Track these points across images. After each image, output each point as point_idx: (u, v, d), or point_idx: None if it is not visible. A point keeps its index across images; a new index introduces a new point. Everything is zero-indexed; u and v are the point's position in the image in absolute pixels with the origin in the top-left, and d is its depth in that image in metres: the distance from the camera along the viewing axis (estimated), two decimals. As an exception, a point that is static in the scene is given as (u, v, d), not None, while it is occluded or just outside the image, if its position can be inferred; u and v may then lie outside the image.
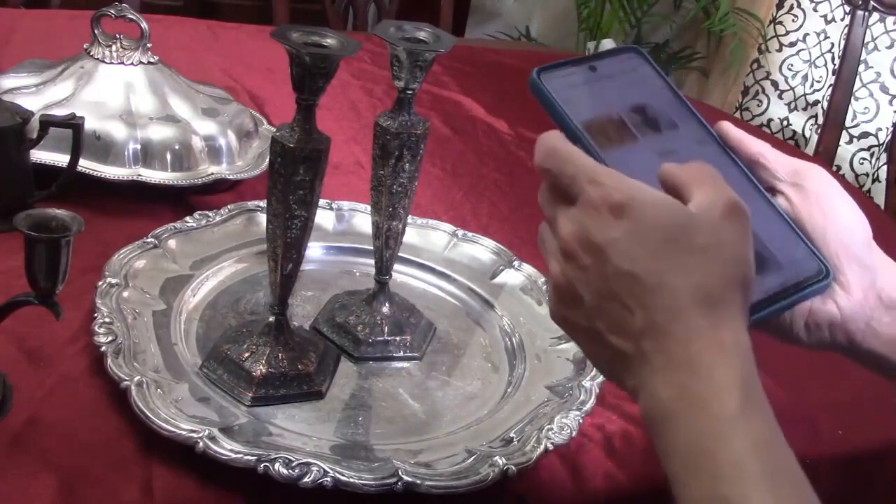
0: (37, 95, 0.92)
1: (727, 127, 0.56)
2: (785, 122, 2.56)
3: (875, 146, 2.31)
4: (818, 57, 2.47)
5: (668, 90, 0.56)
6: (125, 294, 0.74)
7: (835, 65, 2.28)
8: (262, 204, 0.88)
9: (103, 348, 0.66)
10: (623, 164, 0.51)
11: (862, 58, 1.77)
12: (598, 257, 0.47)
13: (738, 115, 2.61)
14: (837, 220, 0.53)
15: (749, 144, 0.55)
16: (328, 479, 0.59)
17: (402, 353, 0.77)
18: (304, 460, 0.60)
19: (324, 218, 0.91)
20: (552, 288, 0.50)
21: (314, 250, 0.87)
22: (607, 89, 0.54)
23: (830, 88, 1.78)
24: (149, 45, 0.97)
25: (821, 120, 2.24)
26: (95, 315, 0.70)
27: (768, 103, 2.59)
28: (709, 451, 0.44)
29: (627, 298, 0.46)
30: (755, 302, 0.50)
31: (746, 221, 0.47)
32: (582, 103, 0.53)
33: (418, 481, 0.60)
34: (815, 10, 2.48)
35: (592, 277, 0.47)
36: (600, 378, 0.74)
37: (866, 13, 1.67)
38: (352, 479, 0.59)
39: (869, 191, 2.27)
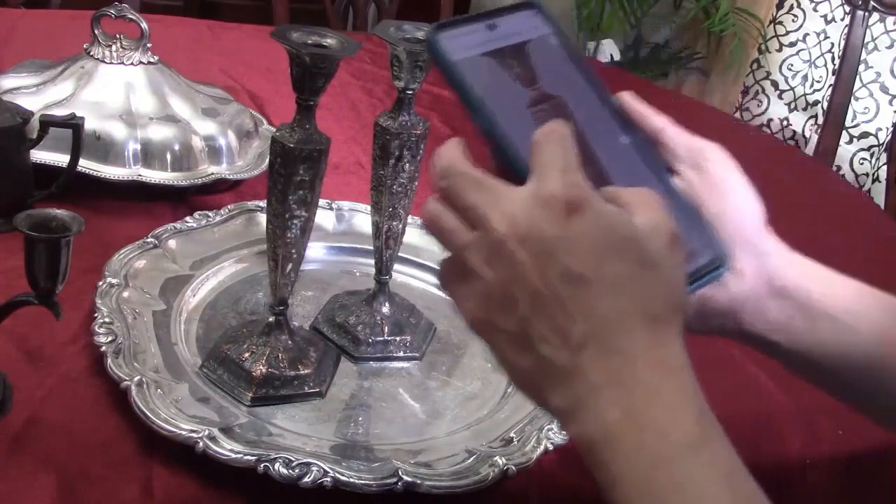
0: (37, 95, 0.92)
1: (628, 98, 0.53)
2: (785, 123, 2.56)
3: (875, 146, 2.30)
4: (818, 57, 2.47)
5: (569, 54, 0.53)
6: (125, 294, 0.74)
7: (835, 65, 2.28)
8: (262, 204, 0.88)
9: (103, 348, 0.66)
10: (519, 131, 0.48)
11: (862, 58, 1.77)
12: (543, 256, 0.42)
13: (738, 115, 2.61)
14: (733, 204, 0.52)
15: (650, 119, 0.53)
16: (328, 479, 0.59)
17: (402, 353, 0.77)
18: (304, 460, 0.60)
19: (324, 218, 0.91)
20: (474, 289, 0.44)
21: (314, 250, 0.87)
22: (506, 51, 0.52)
23: (830, 88, 1.78)
24: (149, 45, 0.97)
25: (821, 120, 2.24)
26: (95, 315, 0.70)
27: (768, 103, 2.59)
28: (672, 482, 0.40)
29: (571, 304, 0.42)
30: None
31: (683, 255, 0.45)
32: (479, 66, 0.51)
33: (418, 481, 0.60)
34: (815, 10, 2.48)
35: (531, 278, 0.42)
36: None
37: (866, 13, 1.67)
38: (352, 479, 0.59)
39: (869, 191, 2.27)
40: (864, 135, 2.32)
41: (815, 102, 2.46)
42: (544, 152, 0.44)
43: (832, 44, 2.42)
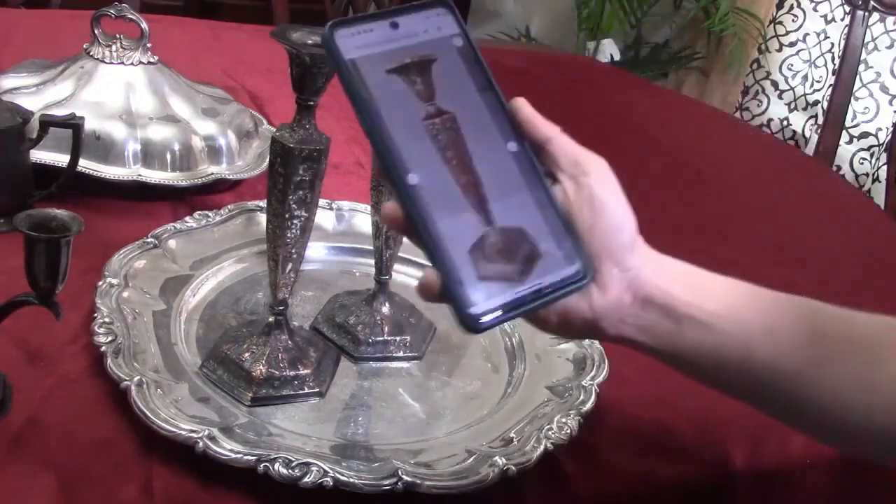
0: (37, 95, 0.92)
1: (520, 104, 0.54)
2: (785, 122, 2.56)
3: (875, 146, 2.30)
4: (818, 57, 2.47)
5: (470, 54, 0.53)
6: (125, 294, 0.74)
7: (835, 65, 2.28)
8: (262, 204, 0.88)
9: (103, 348, 0.66)
10: (403, 138, 0.49)
11: (862, 58, 1.77)
12: None
13: (738, 114, 2.61)
14: (605, 219, 0.52)
15: (537, 127, 0.53)
16: (328, 479, 0.59)
17: (402, 353, 0.77)
18: (304, 460, 0.60)
19: (324, 218, 0.91)
20: None
21: (314, 250, 0.87)
22: (403, 51, 0.51)
23: (830, 88, 1.78)
24: (149, 45, 0.97)
25: (821, 120, 2.23)
26: (95, 315, 0.70)
27: (768, 103, 2.59)
28: None
29: None
30: (514, 299, 0.49)
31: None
32: (372, 66, 0.50)
33: (418, 481, 0.60)
34: (815, 10, 2.48)
35: None
36: (600, 378, 0.74)
37: (866, 13, 1.67)
38: (352, 479, 0.59)
39: (869, 191, 2.27)
40: (864, 135, 2.32)
41: (815, 102, 2.46)
42: None
43: (832, 44, 2.42)
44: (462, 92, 0.52)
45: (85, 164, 0.88)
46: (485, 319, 0.49)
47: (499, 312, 0.49)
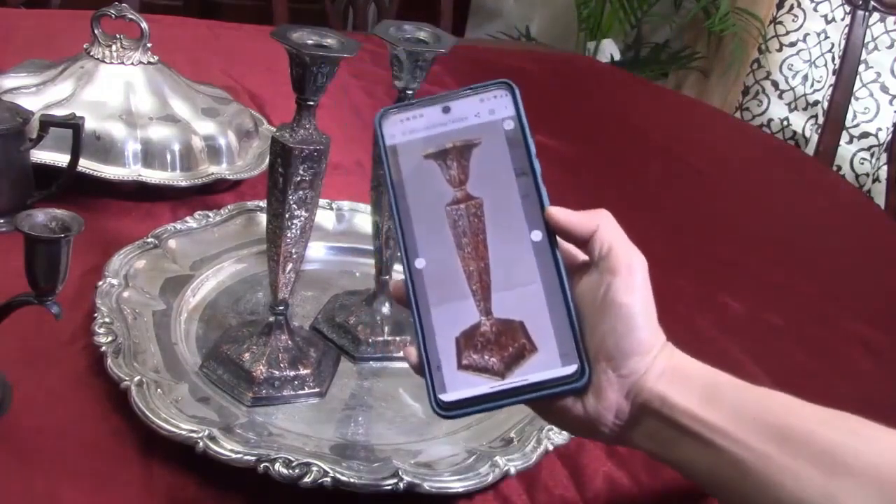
0: (37, 95, 0.92)
1: (552, 213, 0.51)
2: (785, 122, 2.56)
3: (875, 146, 2.30)
4: (818, 57, 2.47)
5: (518, 138, 0.52)
6: (125, 294, 0.74)
7: (835, 65, 2.28)
8: (262, 204, 0.88)
9: (103, 348, 0.66)
10: (423, 224, 0.51)
11: (862, 58, 1.77)
12: None
13: (738, 114, 2.61)
14: (613, 320, 0.50)
15: (574, 229, 0.51)
16: (328, 479, 0.59)
17: (402, 353, 0.77)
18: (304, 460, 0.60)
19: (324, 218, 0.91)
20: None
21: (314, 250, 0.87)
22: (446, 136, 0.52)
23: (830, 88, 1.78)
24: (149, 45, 0.97)
25: (821, 120, 2.24)
26: (95, 315, 0.70)
27: (768, 103, 2.59)
28: None
29: None
30: (489, 392, 0.49)
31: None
32: (411, 150, 0.52)
33: (418, 481, 0.60)
34: (815, 10, 2.48)
35: None
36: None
37: (866, 13, 1.67)
38: (352, 479, 0.59)
39: (869, 191, 2.26)
40: (864, 135, 2.32)
41: (816, 102, 2.46)
42: None
43: (832, 44, 2.42)
44: (497, 177, 0.52)
45: (85, 164, 0.88)
46: (452, 410, 0.49)
47: (470, 404, 0.49)
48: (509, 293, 0.51)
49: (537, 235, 0.52)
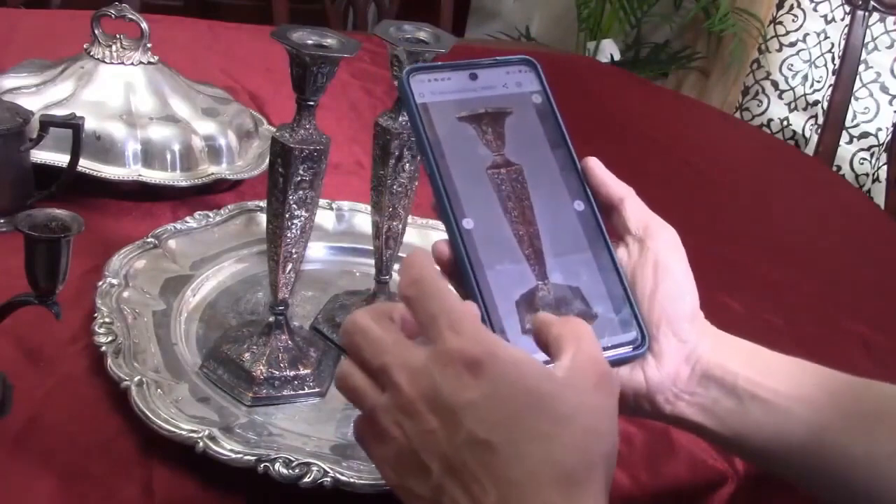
0: (37, 95, 0.92)
1: (592, 164, 0.53)
2: (785, 122, 2.56)
3: (875, 146, 2.30)
4: (818, 57, 2.47)
5: (548, 112, 0.53)
6: (125, 294, 0.74)
7: (835, 65, 2.28)
8: (262, 204, 0.88)
9: (103, 348, 0.66)
10: (466, 185, 0.49)
11: (862, 58, 1.77)
12: (449, 421, 0.41)
13: (738, 114, 2.61)
14: (667, 286, 0.50)
15: (609, 188, 0.52)
16: (328, 479, 0.59)
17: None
18: (304, 460, 0.60)
19: (324, 218, 0.91)
20: (388, 451, 0.43)
21: (314, 250, 0.87)
22: (478, 101, 0.51)
23: (830, 88, 1.78)
24: (149, 45, 0.97)
25: (821, 120, 2.24)
26: (95, 315, 0.70)
27: (768, 103, 2.59)
28: None
29: (480, 472, 0.40)
30: None
31: (617, 393, 0.44)
32: (444, 111, 0.50)
33: (418, 481, 0.60)
34: (815, 10, 2.48)
35: (441, 444, 0.41)
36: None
37: (866, 13, 1.67)
38: (352, 479, 0.59)
39: (869, 191, 2.27)
40: (864, 135, 2.32)
41: (815, 102, 2.46)
42: (424, 308, 0.44)
43: (832, 44, 2.42)
44: (533, 147, 0.52)
45: (85, 164, 0.88)
46: None
47: None
48: (561, 259, 0.50)
49: (580, 205, 0.52)
